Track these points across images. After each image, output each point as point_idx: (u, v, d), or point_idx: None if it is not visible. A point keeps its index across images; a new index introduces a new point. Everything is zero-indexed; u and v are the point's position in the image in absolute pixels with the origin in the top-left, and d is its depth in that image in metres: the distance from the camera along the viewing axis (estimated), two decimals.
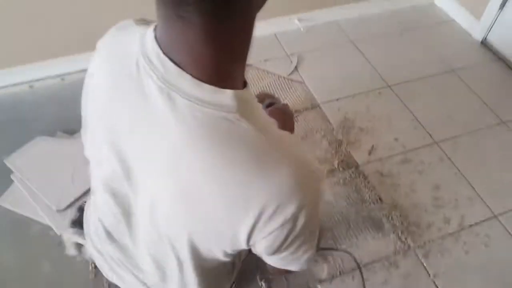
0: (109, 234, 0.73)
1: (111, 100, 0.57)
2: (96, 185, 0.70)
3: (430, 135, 1.69)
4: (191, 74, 0.48)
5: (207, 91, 0.48)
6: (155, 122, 0.51)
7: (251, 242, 0.55)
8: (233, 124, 0.49)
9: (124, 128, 0.56)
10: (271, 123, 0.54)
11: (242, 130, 0.49)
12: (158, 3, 0.46)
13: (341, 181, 1.51)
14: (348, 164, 1.57)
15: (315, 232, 0.62)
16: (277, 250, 0.57)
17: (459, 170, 1.57)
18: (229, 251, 0.60)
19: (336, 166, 1.56)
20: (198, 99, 0.48)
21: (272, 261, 0.63)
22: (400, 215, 1.43)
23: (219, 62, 0.48)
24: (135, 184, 0.60)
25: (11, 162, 1.48)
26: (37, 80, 1.81)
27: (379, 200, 1.47)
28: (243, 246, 0.56)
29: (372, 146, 1.63)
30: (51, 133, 1.59)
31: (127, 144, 0.57)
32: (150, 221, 0.62)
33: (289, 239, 0.55)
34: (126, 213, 0.66)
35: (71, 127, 1.61)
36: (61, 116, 1.65)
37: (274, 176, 0.50)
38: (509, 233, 1.41)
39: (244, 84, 0.54)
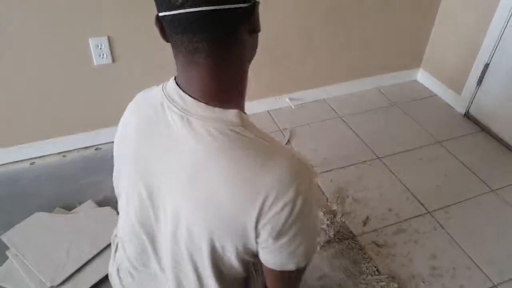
0: (135, 267, 0.81)
1: (142, 138, 0.72)
2: (124, 221, 0.80)
3: (423, 204, 1.72)
4: (204, 103, 0.63)
5: (217, 112, 0.64)
6: (178, 144, 0.65)
7: (258, 228, 0.63)
8: (239, 134, 0.63)
9: (153, 158, 0.70)
10: (267, 134, 0.67)
11: (246, 138, 0.63)
12: (177, 54, 0.63)
13: (338, 252, 1.51)
14: (344, 235, 1.58)
15: (313, 227, 0.70)
16: (277, 236, 0.64)
17: (453, 239, 1.58)
18: (240, 247, 0.66)
19: (332, 237, 1.57)
20: (211, 118, 0.63)
21: (273, 258, 0.68)
22: (398, 287, 1.41)
23: (224, 93, 0.65)
24: (157, 206, 0.71)
25: (7, 238, 1.49)
26: (39, 157, 1.88)
27: (376, 272, 1.46)
28: (251, 236, 0.64)
29: (367, 217, 1.65)
30: (50, 209, 1.61)
31: (155, 169, 0.69)
32: (171, 238, 0.70)
33: (289, 222, 0.63)
34: (151, 238, 0.75)
35: (69, 202, 1.65)
36: (60, 192, 1.69)
37: (274, 169, 0.62)
38: None
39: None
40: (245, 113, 0.69)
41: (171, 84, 0.68)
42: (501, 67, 2.01)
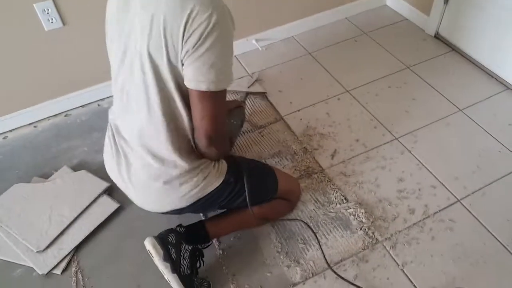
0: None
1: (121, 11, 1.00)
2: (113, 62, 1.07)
3: (390, 131, 1.76)
4: None
5: None
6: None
7: (185, 38, 0.88)
8: None
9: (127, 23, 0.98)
10: None
11: None
12: None
13: (308, 186, 1.58)
14: (314, 169, 1.64)
15: (225, 56, 0.93)
16: (195, 46, 0.89)
17: (420, 161, 1.64)
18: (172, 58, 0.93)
19: (302, 173, 1.63)
20: None
21: (189, 72, 0.92)
22: (365, 212, 1.49)
23: None
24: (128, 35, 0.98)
25: None
26: (10, 130, 1.90)
27: (344, 200, 1.53)
28: (180, 43, 0.89)
29: (335, 150, 1.70)
30: (28, 179, 1.66)
31: (128, 30, 0.98)
32: (131, 48, 0.99)
33: (204, 36, 0.88)
34: (124, 56, 1.02)
35: (45, 171, 1.70)
36: (36, 162, 1.73)
37: None
38: (473, 215, 1.46)
39: None
40: None
41: None
42: None
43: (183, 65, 0.93)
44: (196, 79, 0.92)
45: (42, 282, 1.38)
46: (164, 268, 1.15)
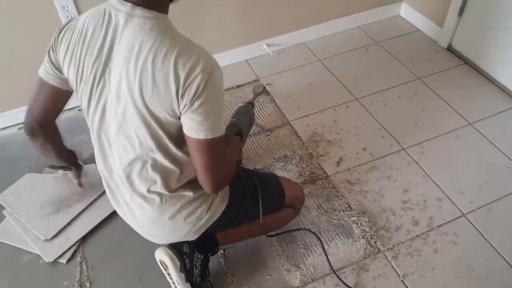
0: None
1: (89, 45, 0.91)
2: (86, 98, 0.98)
3: (398, 142, 1.76)
4: (142, 7, 0.85)
5: (153, 13, 0.85)
6: (115, 36, 0.87)
7: (180, 93, 0.86)
8: (169, 29, 0.88)
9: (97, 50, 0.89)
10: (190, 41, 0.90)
11: (173, 33, 0.88)
12: None
13: (312, 192, 1.59)
14: (318, 175, 1.65)
15: (218, 107, 0.91)
16: (192, 101, 0.86)
17: (426, 173, 1.64)
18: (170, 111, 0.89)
19: (307, 178, 1.64)
20: (147, 17, 0.85)
21: (187, 123, 0.90)
22: (369, 220, 1.49)
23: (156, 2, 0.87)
24: (108, 82, 0.91)
25: (2, 198, 1.60)
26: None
27: (348, 208, 1.53)
28: (175, 101, 0.87)
29: (341, 158, 1.71)
30: (39, 170, 1.71)
31: (112, 58, 0.89)
32: (116, 101, 0.91)
33: (199, 90, 0.85)
34: (103, 109, 0.95)
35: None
36: None
37: (189, 55, 0.85)
38: (478, 230, 1.45)
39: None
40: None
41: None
42: None
43: (179, 117, 0.91)
44: (194, 130, 0.90)
45: (48, 270, 1.41)
46: (178, 279, 1.15)
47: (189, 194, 1.05)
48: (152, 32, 0.84)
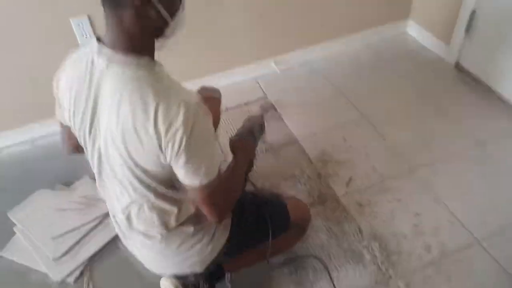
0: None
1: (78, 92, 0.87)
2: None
3: (409, 162, 1.72)
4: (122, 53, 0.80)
5: (133, 58, 0.80)
6: (99, 83, 0.82)
7: (162, 147, 0.80)
8: (149, 73, 0.80)
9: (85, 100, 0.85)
10: (176, 82, 0.84)
11: (154, 76, 0.81)
12: (105, 19, 0.79)
13: (320, 213, 1.54)
14: (327, 196, 1.60)
15: (210, 151, 0.86)
16: (177, 155, 0.81)
17: (438, 196, 1.59)
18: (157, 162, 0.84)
19: (315, 199, 1.59)
20: (127, 62, 0.80)
21: (180, 174, 0.85)
22: (380, 246, 1.44)
23: (136, 48, 0.81)
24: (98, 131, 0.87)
25: (13, 215, 1.57)
26: (40, 137, 1.93)
27: (358, 231, 1.48)
28: (160, 154, 0.82)
29: (350, 178, 1.66)
30: (52, 186, 1.69)
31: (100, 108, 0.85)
32: (105, 149, 0.88)
33: (182, 146, 0.80)
34: (99, 154, 0.91)
35: (69, 179, 1.72)
36: (60, 170, 1.75)
37: (168, 105, 0.78)
38: (492, 256, 1.40)
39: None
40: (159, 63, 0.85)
41: (95, 44, 0.83)
42: (488, 14, 1.92)
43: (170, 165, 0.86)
44: (188, 179, 0.86)
45: None
46: None
47: (190, 229, 1.01)
48: (132, 81, 0.79)
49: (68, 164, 1.73)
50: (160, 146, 0.80)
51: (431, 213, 1.54)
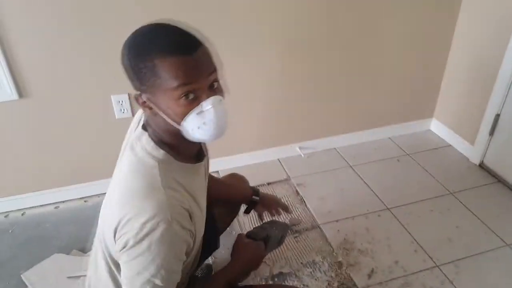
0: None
1: None
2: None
3: (431, 258, 1.70)
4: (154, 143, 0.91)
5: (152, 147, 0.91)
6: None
7: (116, 238, 0.84)
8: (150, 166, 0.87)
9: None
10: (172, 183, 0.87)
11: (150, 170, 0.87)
12: None
13: None
14: (348, 287, 1.58)
15: (157, 264, 0.81)
16: (123, 249, 0.82)
17: None
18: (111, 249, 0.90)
19: None
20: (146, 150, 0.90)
21: (123, 272, 0.85)
22: None
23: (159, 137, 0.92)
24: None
25: (27, 277, 1.60)
26: (63, 201, 2.03)
27: None
28: (112, 240, 0.86)
29: (372, 270, 1.65)
30: (68, 251, 1.73)
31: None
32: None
33: (129, 245, 0.80)
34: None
35: (85, 245, 1.76)
36: (78, 235, 1.80)
37: (142, 205, 0.81)
38: None
39: (198, 157, 1.01)
40: (199, 157, 1.00)
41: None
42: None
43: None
44: (124, 277, 0.85)
45: None
46: None
47: None
48: (130, 169, 0.89)
49: (87, 229, 1.82)
50: (114, 237, 0.85)
51: None
